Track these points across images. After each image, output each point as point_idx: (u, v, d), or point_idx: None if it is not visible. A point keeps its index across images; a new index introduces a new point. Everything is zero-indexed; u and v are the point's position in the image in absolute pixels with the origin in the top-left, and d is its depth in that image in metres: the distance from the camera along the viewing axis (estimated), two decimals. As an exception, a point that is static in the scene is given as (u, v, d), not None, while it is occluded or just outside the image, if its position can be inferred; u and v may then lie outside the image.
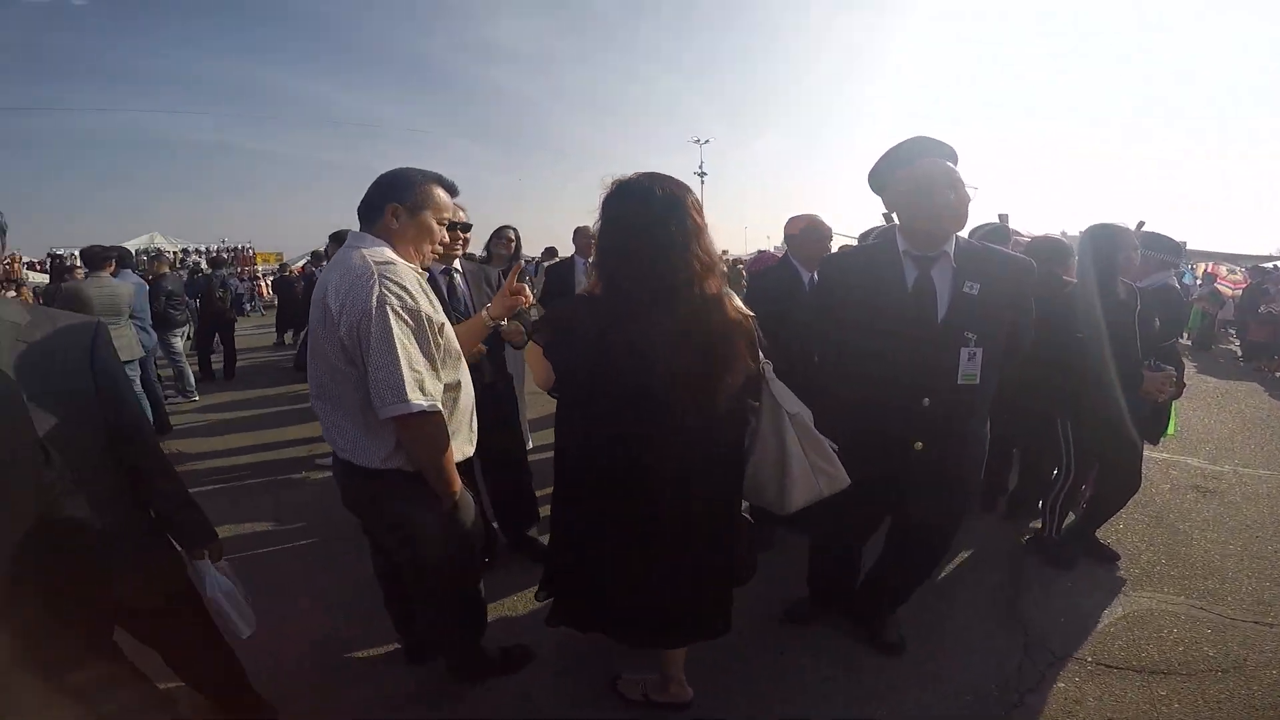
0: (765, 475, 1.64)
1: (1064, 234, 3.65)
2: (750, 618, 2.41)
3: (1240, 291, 10.50)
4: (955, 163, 1.83)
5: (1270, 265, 13.06)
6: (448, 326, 1.66)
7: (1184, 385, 3.02)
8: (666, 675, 1.91)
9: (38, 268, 14.34)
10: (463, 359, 1.76)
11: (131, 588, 1.37)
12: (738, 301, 1.60)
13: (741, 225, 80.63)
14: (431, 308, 1.59)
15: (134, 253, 8.65)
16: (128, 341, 4.67)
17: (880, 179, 1.93)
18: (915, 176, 1.79)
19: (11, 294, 9.00)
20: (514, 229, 4.16)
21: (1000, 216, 3.72)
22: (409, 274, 1.57)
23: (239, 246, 21.06)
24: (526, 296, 2.01)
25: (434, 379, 1.56)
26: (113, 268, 5.02)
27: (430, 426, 1.55)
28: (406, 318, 1.50)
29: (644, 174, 1.54)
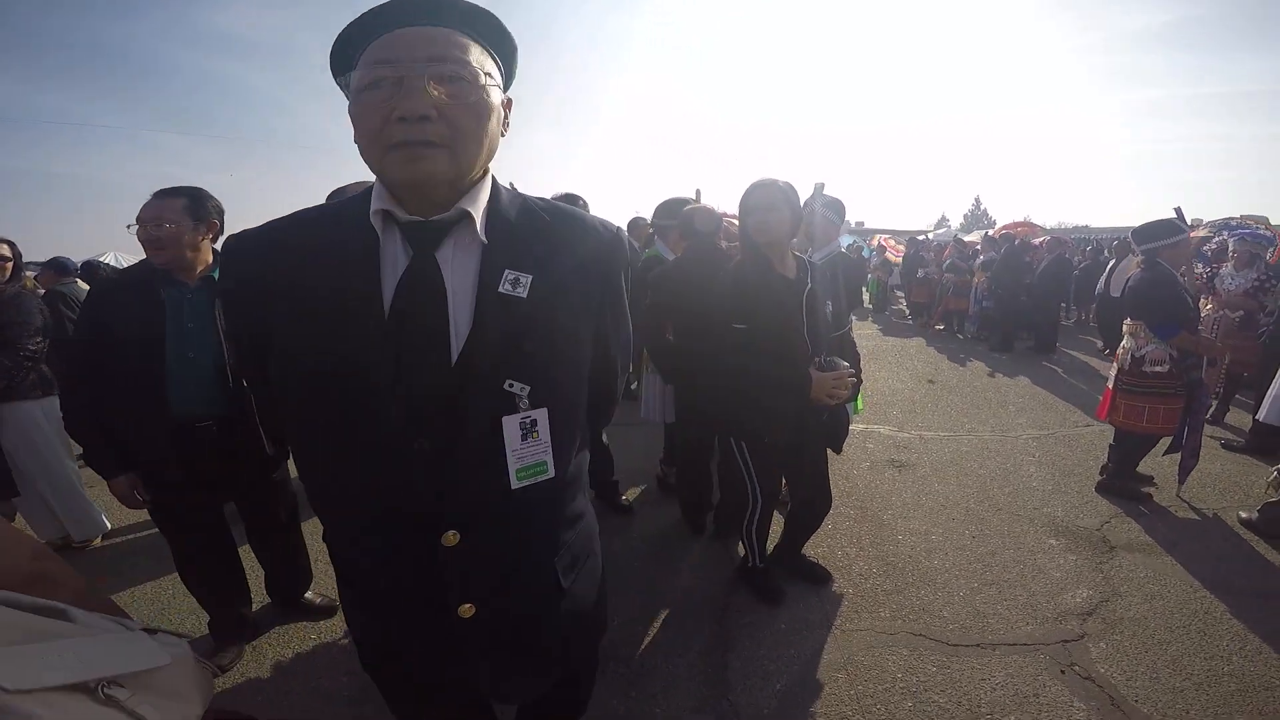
0: None
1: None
2: None
3: (901, 259, 12.28)
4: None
5: (923, 237, 15.75)
6: None
7: (860, 380, 2.64)
8: None
9: None
10: None
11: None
12: None
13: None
14: None
15: None
16: None
17: (344, 56, 0.83)
18: (391, 44, 0.77)
19: None
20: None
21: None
22: None
23: None
24: None
25: None
26: None
27: None
28: None
29: None
